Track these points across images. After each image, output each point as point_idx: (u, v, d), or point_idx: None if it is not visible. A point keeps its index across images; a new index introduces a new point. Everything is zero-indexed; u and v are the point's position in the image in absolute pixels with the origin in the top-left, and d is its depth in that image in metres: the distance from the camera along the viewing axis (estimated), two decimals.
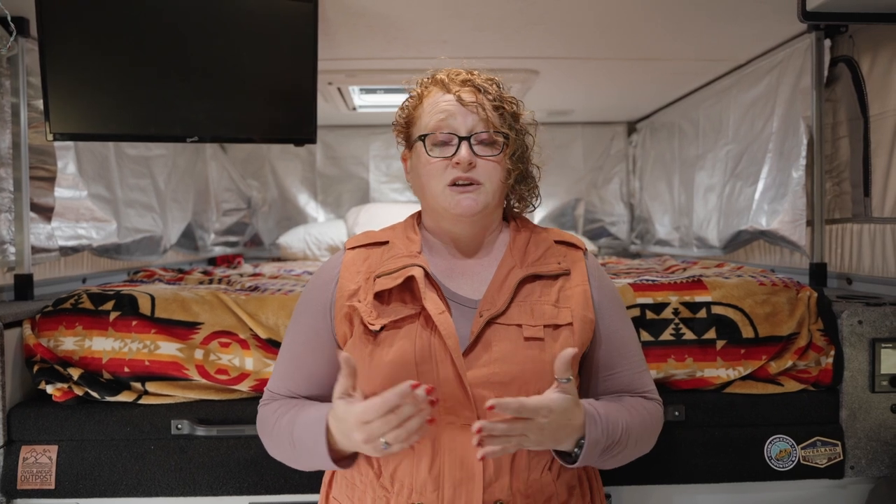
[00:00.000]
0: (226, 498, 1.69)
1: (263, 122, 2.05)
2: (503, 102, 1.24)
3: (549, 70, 2.90)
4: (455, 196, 1.20)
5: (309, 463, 1.19)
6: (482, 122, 1.21)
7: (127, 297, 1.75)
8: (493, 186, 1.22)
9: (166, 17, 1.91)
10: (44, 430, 1.68)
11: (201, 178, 3.88)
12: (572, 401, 1.10)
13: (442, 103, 1.23)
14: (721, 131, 3.13)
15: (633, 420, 1.20)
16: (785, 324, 1.76)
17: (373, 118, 4.04)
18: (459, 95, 1.22)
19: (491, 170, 1.21)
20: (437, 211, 1.25)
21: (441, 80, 1.25)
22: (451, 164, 1.20)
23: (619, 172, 4.50)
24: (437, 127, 1.21)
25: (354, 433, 1.05)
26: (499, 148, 1.22)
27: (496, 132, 1.22)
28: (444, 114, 1.21)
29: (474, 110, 1.21)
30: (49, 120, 1.85)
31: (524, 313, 1.19)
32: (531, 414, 1.05)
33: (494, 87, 1.25)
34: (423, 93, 1.27)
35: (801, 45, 2.38)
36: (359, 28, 2.34)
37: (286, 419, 1.20)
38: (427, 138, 1.22)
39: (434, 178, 1.22)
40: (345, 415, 1.07)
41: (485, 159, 1.21)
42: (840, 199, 2.32)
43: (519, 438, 1.07)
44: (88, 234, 2.55)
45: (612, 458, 1.19)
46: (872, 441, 1.73)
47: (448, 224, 1.26)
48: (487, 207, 1.22)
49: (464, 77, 1.25)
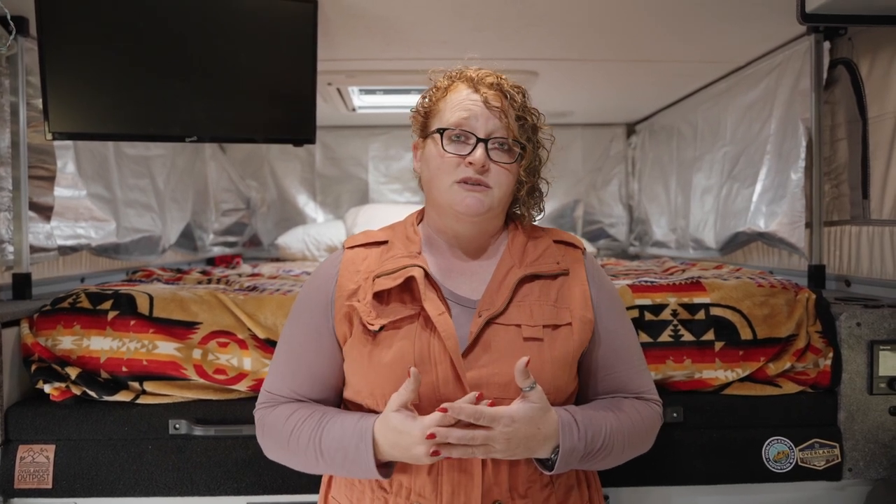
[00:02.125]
0: (223, 498, 1.69)
1: (262, 122, 2.05)
2: (526, 113, 1.24)
3: (549, 71, 2.90)
4: (461, 193, 1.19)
5: (340, 471, 1.19)
6: (503, 128, 1.21)
7: (125, 296, 1.75)
8: (501, 192, 1.21)
9: (166, 17, 1.91)
10: (41, 429, 1.67)
11: (200, 178, 3.88)
12: (539, 409, 1.10)
13: (467, 101, 1.22)
14: (719, 133, 3.13)
15: (622, 424, 1.19)
16: (783, 325, 1.76)
17: (372, 119, 4.04)
18: (486, 97, 1.21)
19: (503, 176, 1.21)
20: (442, 206, 1.24)
21: (470, 78, 1.24)
22: (465, 162, 1.19)
23: (618, 174, 4.50)
24: (457, 123, 1.21)
25: (420, 447, 1.07)
26: (513, 157, 1.22)
27: (515, 141, 1.21)
28: (467, 112, 1.21)
29: (497, 115, 1.20)
30: (48, 119, 1.85)
31: (523, 313, 1.19)
32: (489, 423, 1.07)
33: (520, 96, 1.25)
34: (449, 86, 1.26)
35: (800, 48, 2.38)
36: (358, 29, 2.34)
37: (308, 427, 1.18)
38: (445, 132, 1.21)
39: (444, 173, 1.21)
40: (407, 428, 1.08)
41: (498, 165, 1.20)
42: (838, 202, 2.32)
43: (483, 448, 1.08)
44: (87, 234, 2.55)
45: (598, 462, 1.19)
46: (870, 443, 1.73)
47: (450, 221, 1.25)
48: (491, 211, 1.22)
49: (493, 80, 1.24)
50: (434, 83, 1.29)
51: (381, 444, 1.11)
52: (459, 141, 1.21)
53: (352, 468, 1.15)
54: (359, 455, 1.12)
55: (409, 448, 1.08)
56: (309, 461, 1.20)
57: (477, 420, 1.06)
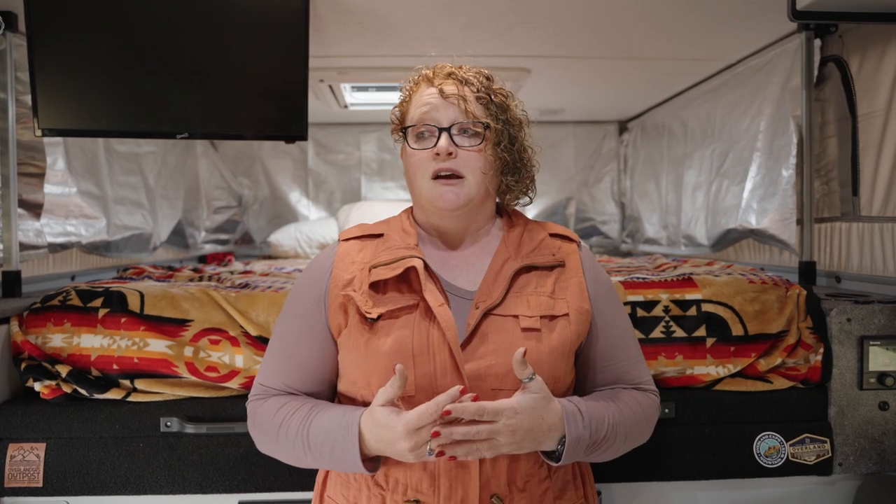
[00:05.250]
0: (215, 496, 1.69)
1: (254, 119, 2.04)
2: (490, 93, 1.25)
3: (541, 68, 2.90)
4: (438, 189, 1.20)
5: (328, 464, 1.19)
6: (462, 113, 1.21)
7: (116, 294, 1.74)
8: (475, 178, 1.22)
9: (156, 13, 1.90)
10: (31, 427, 1.66)
11: (192, 175, 3.86)
12: (541, 399, 1.10)
13: (425, 96, 1.24)
14: (710, 130, 3.14)
15: (623, 414, 1.20)
16: (774, 321, 1.77)
17: (364, 116, 4.03)
18: (441, 88, 1.23)
19: (472, 160, 1.21)
20: (424, 205, 1.26)
21: (426, 75, 1.27)
22: (433, 155, 1.20)
23: (610, 171, 4.51)
24: (419, 119, 1.23)
25: (402, 442, 1.06)
26: (480, 138, 1.22)
27: (476, 122, 1.22)
28: (426, 106, 1.23)
29: (455, 102, 1.22)
30: (37, 115, 1.83)
31: (520, 304, 1.19)
32: (493, 416, 1.06)
33: (481, 79, 1.26)
34: (412, 88, 1.29)
35: (791, 46, 2.40)
36: (350, 25, 2.33)
37: (296, 420, 1.18)
38: (410, 130, 1.24)
39: (419, 172, 1.23)
40: (391, 423, 1.07)
41: (465, 150, 1.21)
42: (829, 198, 2.34)
43: (488, 443, 1.07)
44: (77, 231, 2.53)
45: (601, 453, 1.19)
46: (860, 438, 1.74)
47: (434, 218, 1.27)
48: (472, 201, 1.22)
49: (448, 70, 1.26)
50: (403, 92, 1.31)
51: (366, 437, 1.11)
52: (425, 137, 1.23)
53: (338, 461, 1.15)
54: (345, 447, 1.12)
55: (393, 443, 1.08)
56: (297, 454, 1.20)
57: (480, 416, 1.06)
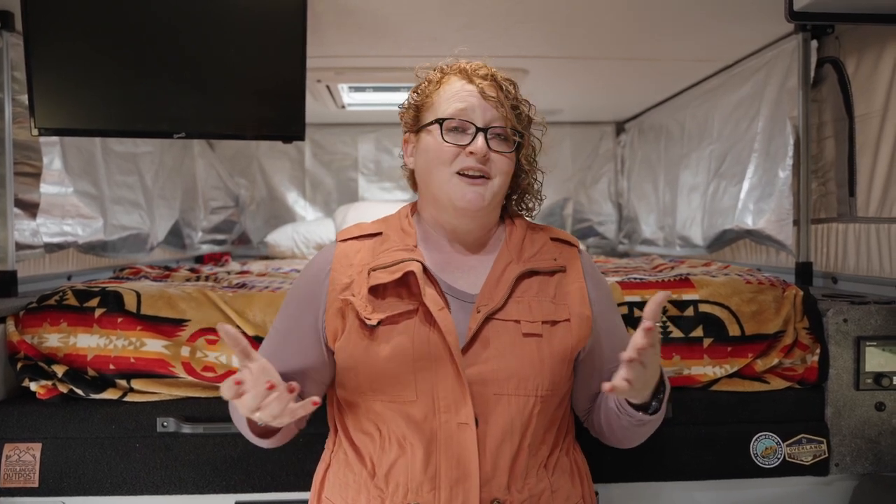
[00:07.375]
0: (212, 496, 1.68)
1: (251, 119, 2.03)
2: (520, 103, 1.26)
3: (539, 69, 2.90)
4: (462, 186, 1.19)
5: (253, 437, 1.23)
6: (500, 117, 1.21)
7: (112, 293, 1.73)
8: (500, 182, 1.22)
9: (154, 12, 1.89)
10: (27, 427, 1.66)
11: (189, 175, 3.86)
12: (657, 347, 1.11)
13: (463, 92, 1.22)
14: (707, 131, 3.15)
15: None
16: (771, 322, 1.77)
17: (362, 116, 4.03)
18: (482, 88, 1.22)
19: (503, 165, 1.22)
20: (440, 200, 1.23)
21: (464, 70, 1.25)
22: (465, 152, 1.19)
23: (607, 172, 4.51)
24: (456, 113, 1.21)
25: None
26: (511, 146, 1.23)
27: (512, 130, 1.22)
28: (464, 103, 1.21)
29: (494, 105, 1.21)
30: (34, 115, 1.83)
31: (522, 309, 1.19)
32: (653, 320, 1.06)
33: (513, 88, 1.26)
34: (442, 79, 1.26)
35: (788, 46, 2.40)
36: (347, 25, 2.33)
37: None
38: (445, 122, 1.21)
39: (444, 165, 1.21)
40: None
41: (499, 154, 1.21)
42: (825, 199, 2.34)
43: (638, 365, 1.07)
44: (74, 231, 2.52)
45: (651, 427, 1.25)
46: (857, 438, 1.75)
47: (449, 216, 1.25)
48: (490, 203, 1.22)
49: (486, 72, 1.25)
50: (425, 77, 1.29)
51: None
52: (458, 131, 1.21)
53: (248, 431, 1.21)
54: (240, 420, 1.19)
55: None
56: (245, 431, 1.24)
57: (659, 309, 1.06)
